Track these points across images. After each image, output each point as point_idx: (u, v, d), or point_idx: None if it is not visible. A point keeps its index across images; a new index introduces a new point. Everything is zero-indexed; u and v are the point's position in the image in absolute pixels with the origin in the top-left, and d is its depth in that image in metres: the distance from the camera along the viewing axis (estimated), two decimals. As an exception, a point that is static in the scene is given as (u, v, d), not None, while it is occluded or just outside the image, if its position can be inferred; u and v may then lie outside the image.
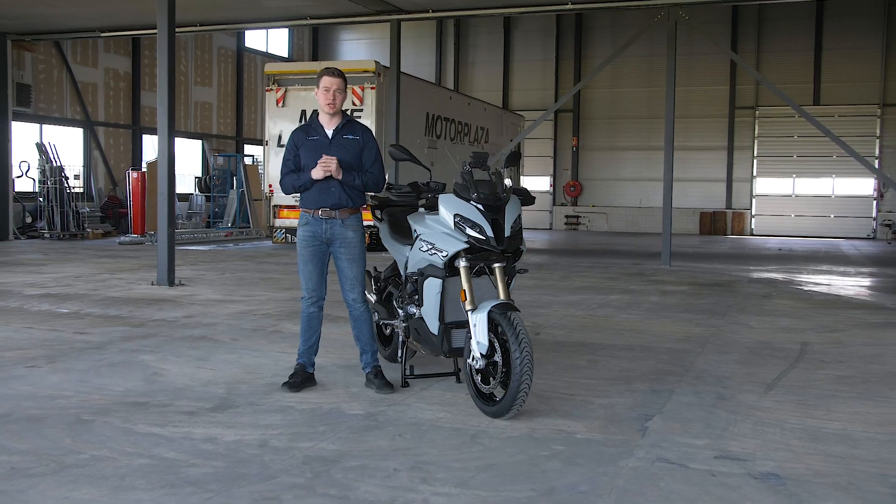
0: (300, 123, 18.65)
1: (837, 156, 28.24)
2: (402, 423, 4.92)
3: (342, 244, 5.71)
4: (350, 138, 5.74)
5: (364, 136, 5.78)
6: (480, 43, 32.59)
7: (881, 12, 27.96)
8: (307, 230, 5.73)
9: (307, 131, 5.80)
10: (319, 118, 5.80)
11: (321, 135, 5.73)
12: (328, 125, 5.76)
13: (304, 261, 5.76)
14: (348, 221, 5.71)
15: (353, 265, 5.74)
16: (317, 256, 5.75)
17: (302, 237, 5.76)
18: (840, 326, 8.81)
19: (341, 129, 5.75)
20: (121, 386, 5.76)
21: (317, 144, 5.71)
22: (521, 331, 4.85)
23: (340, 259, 5.74)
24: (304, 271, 5.79)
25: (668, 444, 4.59)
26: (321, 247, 5.74)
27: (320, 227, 5.70)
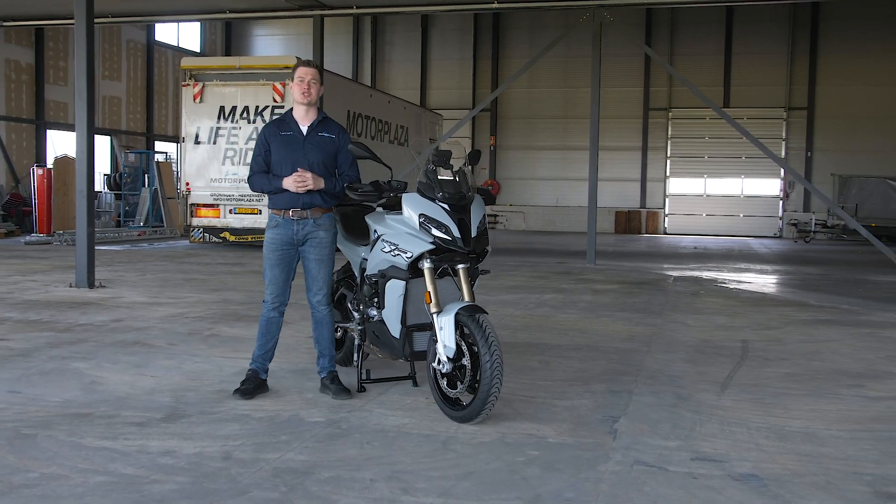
0: (218, 121, 18.49)
1: (746, 157, 29.14)
2: (368, 431, 4.75)
3: (313, 244, 5.49)
4: (326, 136, 5.51)
5: (340, 136, 5.57)
6: (398, 41, 32.41)
7: (787, 19, 28.92)
8: (277, 233, 5.49)
9: (280, 126, 5.55)
10: (294, 113, 5.56)
11: (295, 131, 5.50)
12: (303, 120, 5.52)
13: (272, 264, 5.52)
14: (320, 221, 5.50)
15: (321, 266, 5.52)
16: (285, 261, 5.52)
17: (271, 240, 5.51)
18: (774, 324, 8.99)
19: (317, 125, 5.52)
20: (57, 396, 5.41)
21: (290, 140, 5.47)
22: (491, 333, 4.73)
23: (309, 259, 5.52)
24: (269, 276, 5.54)
25: (642, 446, 4.54)
26: (291, 250, 5.51)
27: (291, 228, 5.47)
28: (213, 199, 18.41)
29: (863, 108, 28.21)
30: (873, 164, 27.86)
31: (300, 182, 5.33)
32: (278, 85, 17.90)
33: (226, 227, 18.48)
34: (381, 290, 5.21)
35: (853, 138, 28.43)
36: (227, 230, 18.48)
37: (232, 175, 18.27)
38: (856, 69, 28.42)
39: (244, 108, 18.21)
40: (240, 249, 18.19)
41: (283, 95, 17.87)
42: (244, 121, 18.17)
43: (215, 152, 18.31)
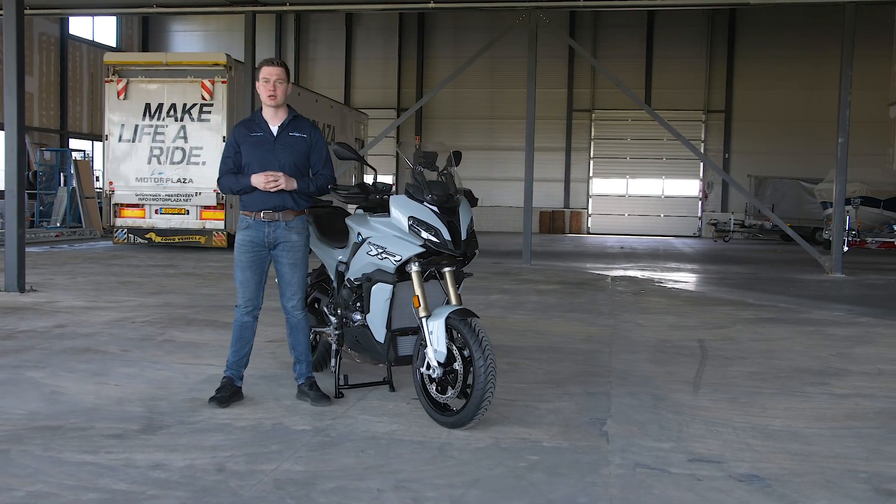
0: (143, 118, 17.93)
1: (667, 158, 29.83)
2: (358, 438, 4.64)
3: (285, 248, 5.32)
4: (297, 136, 5.34)
5: (312, 135, 5.40)
6: (322, 39, 32.08)
7: (705, 24, 29.70)
8: (248, 234, 5.30)
9: (249, 127, 5.36)
10: (263, 113, 5.37)
11: (265, 131, 5.31)
12: (272, 120, 5.34)
13: (242, 267, 5.33)
14: (292, 224, 5.32)
15: (295, 270, 5.36)
16: (256, 263, 5.33)
17: (241, 242, 5.32)
18: (723, 323, 9.18)
19: (287, 125, 5.35)
20: (19, 408, 5.13)
21: (260, 142, 5.28)
22: (484, 338, 4.67)
23: (282, 264, 5.35)
24: (241, 279, 5.35)
25: (637, 448, 4.55)
26: (262, 252, 5.33)
27: (262, 230, 5.28)
28: (139, 198, 17.89)
29: (777, 112, 29.18)
30: (787, 165, 28.84)
31: (270, 179, 5.14)
32: (207, 82, 17.50)
33: (151, 227, 17.97)
34: (366, 293, 5.10)
35: (768, 140, 29.38)
36: (152, 231, 17.98)
37: (158, 174, 17.79)
38: (771, 73, 29.39)
39: (171, 105, 17.74)
40: (168, 251, 17.70)
41: (213, 93, 17.48)
42: (171, 118, 17.71)
43: (141, 151, 17.80)
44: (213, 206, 17.65)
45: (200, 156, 17.63)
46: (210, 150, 17.50)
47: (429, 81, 31.51)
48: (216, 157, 17.46)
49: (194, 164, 17.66)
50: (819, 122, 29.08)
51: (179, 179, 17.70)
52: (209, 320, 8.57)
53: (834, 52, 29.02)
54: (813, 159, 28.96)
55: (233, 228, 17.82)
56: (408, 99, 31.68)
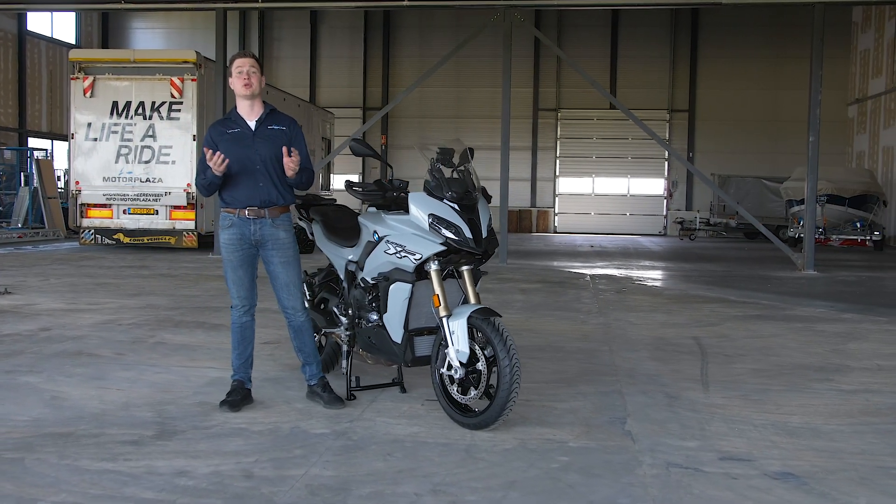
0: (110, 117, 17.55)
1: (632, 157, 30.04)
2: (381, 441, 4.54)
3: (274, 246, 5.15)
4: (276, 129, 5.17)
5: (291, 129, 5.24)
6: (286, 37, 31.78)
7: (669, 24, 29.96)
8: (233, 233, 5.12)
9: (226, 125, 5.19)
10: (238, 108, 5.21)
11: (243, 127, 5.14)
12: (249, 115, 5.17)
13: (233, 267, 5.15)
14: (279, 220, 5.16)
15: (288, 269, 5.18)
16: (246, 261, 5.16)
17: (228, 241, 5.14)
18: (712, 321, 9.22)
19: (265, 119, 5.18)
20: (23, 414, 4.94)
21: (238, 138, 5.10)
22: (508, 337, 4.61)
23: (273, 263, 5.18)
24: (233, 278, 5.17)
25: (664, 448, 4.51)
26: (251, 249, 5.15)
27: (248, 228, 5.10)
28: (106, 198, 17.51)
29: (740, 111, 29.54)
30: (750, 164, 29.21)
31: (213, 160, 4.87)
32: (176, 80, 17.19)
33: (119, 228, 17.60)
34: (384, 293, 4.99)
35: (731, 140, 29.74)
36: (120, 231, 17.61)
37: (127, 174, 17.44)
38: (733, 74, 29.75)
39: (139, 103, 17.40)
40: (137, 252, 17.36)
41: (182, 91, 17.18)
42: (139, 117, 17.37)
43: (108, 150, 17.43)
44: (183, 205, 17.34)
45: (170, 155, 17.31)
46: (180, 148, 17.22)
47: (395, 80, 31.39)
48: (186, 156, 17.27)
49: (164, 163, 17.33)
50: (780, 122, 29.52)
51: (148, 179, 17.37)
52: (197, 322, 8.39)
53: (794, 52, 29.56)
54: (775, 158, 29.40)
55: (203, 229, 17.55)
56: (374, 98, 31.52)
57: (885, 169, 25.95)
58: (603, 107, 30.49)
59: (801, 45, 29.21)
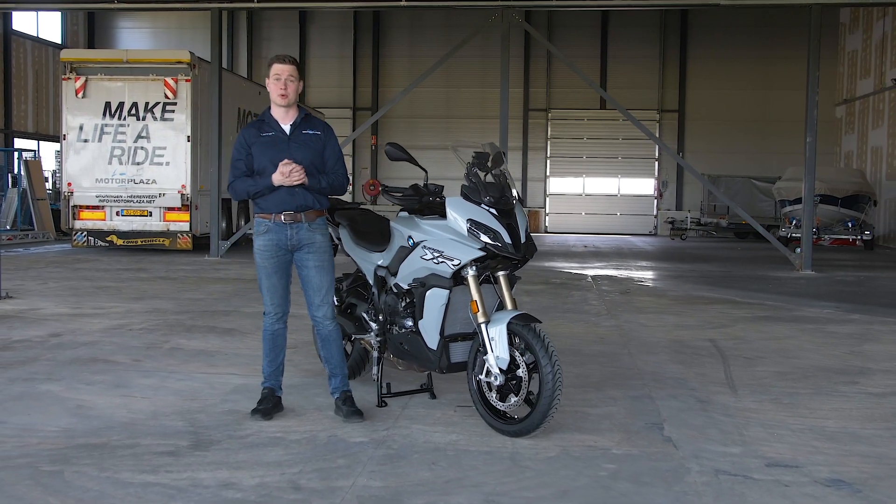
0: (103, 118, 17.36)
1: (622, 157, 30.10)
2: (422, 450, 4.47)
3: (310, 250, 5.06)
4: (311, 134, 5.10)
5: (325, 133, 5.17)
6: (275, 37, 31.61)
7: (658, 25, 30.03)
8: (268, 239, 5.04)
9: (260, 127, 5.10)
10: (272, 112, 5.12)
11: (277, 131, 5.07)
12: (284, 120, 5.09)
13: (267, 273, 5.07)
14: (315, 224, 5.08)
15: (322, 274, 5.10)
16: (281, 267, 5.08)
17: (263, 247, 5.05)
18: (723, 322, 9.21)
19: (300, 123, 5.11)
20: (51, 424, 4.84)
21: (273, 141, 5.03)
22: (550, 343, 4.56)
23: (307, 268, 5.09)
24: (266, 285, 5.09)
25: (708, 454, 4.47)
26: (286, 255, 5.07)
27: (284, 233, 5.02)
28: (99, 200, 17.31)
29: (729, 111, 29.66)
30: (739, 164, 29.32)
31: (288, 173, 4.84)
32: (170, 80, 17.03)
33: (112, 230, 17.41)
34: (420, 299, 4.92)
35: (720, 140, 29.84)
36: (113, 233, 17.42)
37: (120, 175, 17.26)
38: (722, 74, 29.87)
39: (133, 104, 17.22)
40: (131, 254, 17.18)
41: (176, 92, 17.02)
42: (133, 117, 17.20)
43: (101, 151, 17.24)
44: (177, 207, 17.18)
45: (164, 156, 17.15)
46: (174, 149, 17.06)
47: (385, 80, 31.29)
48: (180, 158, 17.12)
49: (157, 164, 17.17)
50: (769, 122, 29.66)
51: (142, 180, 17.20)
52: (208, 326, 8.29)
53: (782, 52, 29.71)
54: (764, 158, 29.53)
55: (198, 230, 17.40)
56: (364, 98, 31.42)
57: (874, 169, 26.12)
58: (593, 107, 30.54)
59: (789, 46, 29.47)
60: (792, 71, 29.66)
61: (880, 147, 25.86)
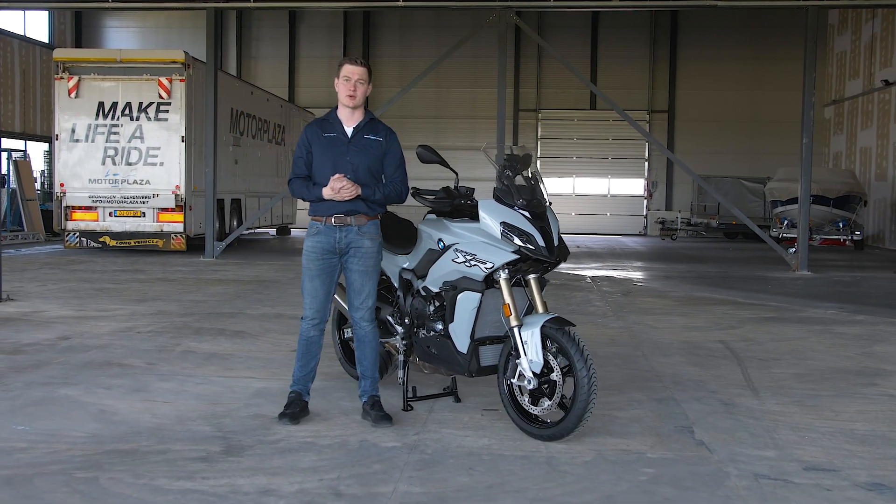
0: (96, 118, 17.21)
1: (612, 157, 30.16)
2: (457, 455, 4.44)
3: (356, 254, 5.02)
4: (372, 139, 5.07)
5: (388, 139, 5.15)
6: (265, 36, 31.44)
7: (648, 25, 30.12)
8: (318, 241, 5.00)
9: (323, 126, 5.08)
10: (339, 112, 5.10)
11: (339, 132, 5.04)
12: (348, 121, 5.06)
13: (311, 276, 5.03)
14: (365, 229, 5.04)
15: (366, 278, 5.07)
16: (326, 272, 5.03)
17: (311, 249, 5.02)
18: (730, 323, 9.22)
19: (363, 127, 5.07)
20: (77, 430, 4.77)
21: (333, 143, 5.00)
22: (585, 347, 4.54)
23: (352, 271, 5.05)
24: (309, 288, 5.05)
25: (743, 457, 4.47)
26: (332, 260, 5.03)
27: (333, 236, 4.99)
28: (92, 201, 17.15)
29: (719, 112, 29.77)
30: (729, 164, 29.41)
31: (338, 188, 4.87)
32: (164, 80, 16.90)
33: (105, 231, 17.26)
34: (450, 302, 4.88)
35: (710, 140, 29.93)
36: (106, 234, 17.27)
37: (113, 175, 17.11)
38: (712, 74, 29.98)
39: (126, 104, 17.08)
40: (125, 255, 17.03)
41: (170, 92, 16.90)
42: (126, 118, 17.06)
43: (94, 151, 17.09)
44: (171, 208, 17.06)
45: (158, 156, 17.03)
46: (168, 150, 16.94)
47: (374, 81, 30.90)
48: (174, 158, 17.01)
49: (151, 164, 17.04)
50: (759, 123, 29.79)
51: (136, 181, 17.06)
52: (216, 329, 8.22)
53: (771, 53, 29.86)
54: (753, 159, 29.66)
55: (192, 231, 17.29)
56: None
57: (863, 169, 26.29)
58: (583, 107, 30.58)
59: (779, 47, 29.62)
60: (781, 72, 29.80)
61: (869, 148, 26.03)
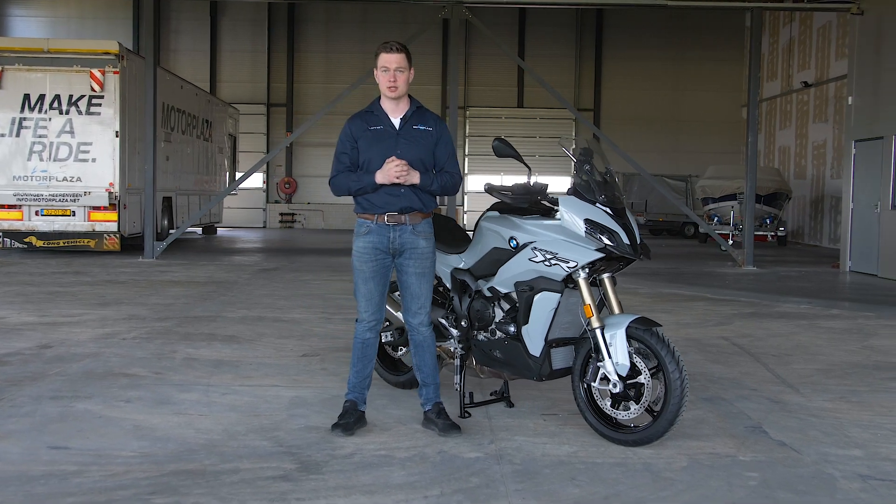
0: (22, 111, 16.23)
1: (539, 155, 30.27)
2: (549, 464, 4.21)
3: (412, 255, 4.71)
4: (422, 129, 4.75)
5: (438, 128, 4.83)
6: (184, 29, 30.39)
7: (574, 25, 30.40)
8: (370, 241, 4.67)
9: (368, 119, 4.74)
10: (382, 103, 4.77)
11: (386, 124, 4.71)
12: (394, 112, 4.74)
13: (365, 278, 4.70)
14: (420, 227, 4.73)
15: (422, 281, 4.76)
16: (380, 272, 4.71)
17: (363, 250, 4.69)
18: (719, 319, 9.25)
19: (411, 117, 4.75)
20: (123, 449, 4.34)
21: (381, 136, 4.68)
22: (675, 348, 4.37)
23: (408, 273, 4.74)
24: (363, 291, 4.71)
25: (834, 458, 4.38)
26: (386, 260, 4.71)
27: (386, 235, 4.67)
28: (17, 199, 16.14)
29: (643, 111, 30.28)
30: (653, 163, 29.86)
31: (395, 171, 4.51)
32: (96, 72, 16.06)
33: (31, 230, 16.27)
34: (526, 303, 4.63)
35: (635, 139, 30.36)
36: (33, 234, 16.29)
37: (41, 172, 16.16)
38: (637, 74, 30.49)
39: (55, 96, 16.15)
40: (56, 256, 16.10)
41: (103, 84, 16.07)
42: (55, 111, 16.13)
43: (19, 146, 16.09)
44: (104, 206, 16.19)
45: (90, 152, 16.15)
46: (101, 145, 16.09)
47: (300, 76, 30.57)
48: (108, 154, 16.17)
49: (83, 160, 16.15)
50: (682, 122, 30.43)
51: (65, 178, 16.15)
52: (204, 334, 7.75)
53: (693, 54, 30.57)
54: (677, 157, 30.27)
55: (126, 231, 16.48)
56: (278, 94, 30.60)
57: (782, 168, 27.09)
58: (511, 105, 30.67)
59: (700, 48, 30.39)
60: (702, 72, 30.58)
61: (788, 147, 26.86)
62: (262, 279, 12.62)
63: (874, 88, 15.15)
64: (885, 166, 14.58)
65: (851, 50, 16.41)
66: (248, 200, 29.62)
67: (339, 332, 7.96)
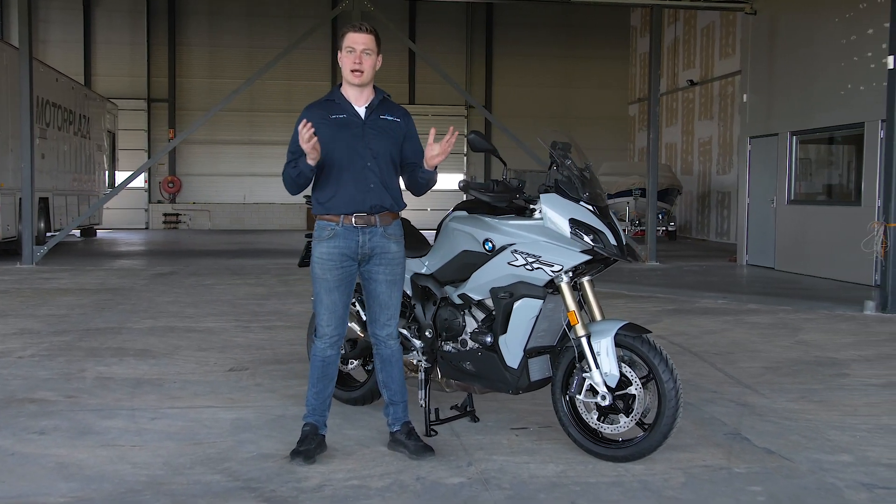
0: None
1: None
2: (538, 486, 3.86)
3: (382, 261, 4.24)
4: (389, 120, 4.29)
5: (405, 121, 4.39)
6: (54, 19, 28.59)
7: (464, 20, 30.26)
8: (335, 246, 4.17)
9: (328, 107, 4.23)
10: (344, 91, 4.27)
11: (350, 113, 4.22)
12: (357, 101, 4.25)
13: (329, 288, 4.19)
14: (390, 230, 4.27)
15: (393, 289, 4.30)
16: (345, 282, 4.21)
17: (326, 256, 4.17)
18: (647, 317, 9.11)
19: (377, 106, 4.28)
20: (49, 492, 3.74)
21: (344, 124, 4.17)
22: (668, 356, 4.08)
23: (377, 282, 4.26)
24: (326, 303, 4.20)
25: (829, 465, 4.20)
26: (352, 267, 4.22)
27: (355, 240, 4.17)
28: None
29: (534, 108, 30.35)
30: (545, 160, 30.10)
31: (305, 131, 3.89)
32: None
33: None
34: (504, 311, 4.25)
35: (526, 135, 30.34)
36: None
37: None
38: (527, 71, 30.59)
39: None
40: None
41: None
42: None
43: None
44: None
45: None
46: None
47: (182, 70, 29.27)
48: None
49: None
50: (572, 119, 30.68)
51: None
52: (113, 349, 7.04)
53: (581, 52, 30.92)
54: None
55: None
56: (159, 88, 29.20)
57: (669, 164, 27.70)
58: (402, 101, 30.17)
59: (588, 46, 30.75)
60: (590, 70, 30.96)
61: (675, 143, 27.46)
62: (161, 285, 11.81)
63: (768, 87, 15.50)
64: (780, 162, 14.92)
65: (745, 49, 16.76)
66: (129, 201, 28.14)
67: (261, 342, 7.41)
